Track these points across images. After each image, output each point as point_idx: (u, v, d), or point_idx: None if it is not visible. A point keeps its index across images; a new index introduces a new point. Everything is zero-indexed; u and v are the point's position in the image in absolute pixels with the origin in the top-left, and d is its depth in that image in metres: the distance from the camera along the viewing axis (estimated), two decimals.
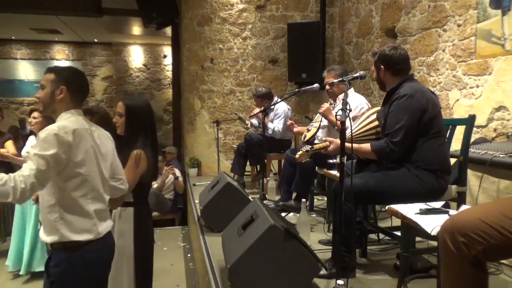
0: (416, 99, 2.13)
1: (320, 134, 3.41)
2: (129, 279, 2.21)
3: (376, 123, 2.43)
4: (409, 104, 2.13)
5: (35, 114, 3.55)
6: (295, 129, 3.81)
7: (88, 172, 1.67)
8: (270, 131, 4.31)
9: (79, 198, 1.65)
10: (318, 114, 3.44)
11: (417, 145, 2.15)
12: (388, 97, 2.31)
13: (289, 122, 3.98)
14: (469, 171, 2.39)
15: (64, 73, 1.76)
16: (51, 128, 1.60)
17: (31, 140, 3.85)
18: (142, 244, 2.25)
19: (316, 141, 3.35)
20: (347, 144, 1.89)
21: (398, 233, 2.10)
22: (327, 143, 2.38)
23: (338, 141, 2.21)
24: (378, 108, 2.51)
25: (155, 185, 5.68)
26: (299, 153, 2.44)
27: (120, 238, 2.16)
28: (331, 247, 2.38)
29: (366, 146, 2.23)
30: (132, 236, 2.22)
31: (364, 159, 2.42)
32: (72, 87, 1.74)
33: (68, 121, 1.69)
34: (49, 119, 3.42)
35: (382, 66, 2.31)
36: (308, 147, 2.43)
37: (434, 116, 2.16)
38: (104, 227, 1.75)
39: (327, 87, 3.41)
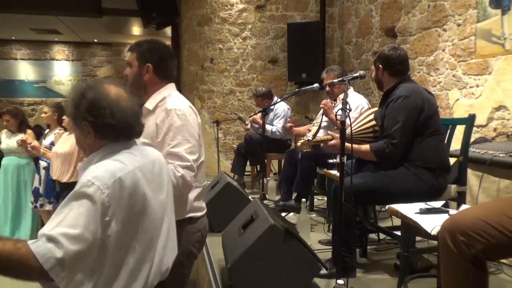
0: (412, 100, 2.14)
1: (321, 133, 3.41)
2: None
3: (374, 122, 2.43)
4: (405, 105, 2.14)
5: (46, 109, 3.85)
6: (294, 131, 3.84)
7: None
8: (269, 133, 4.32)
9: None
10: (320, 114, 3.44)
11: (415, 144, 2.16)
12: (385, 98, 2.32)
13: (288, 125, 3.99)
14: (469, 171, 2.39)
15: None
16: None
17: (52, 136, 3.87)
18: None
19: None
20: (347, 144, 1.89)
21: (398, 233, 2.10)
22: (330, 136, 2.37)
23: None
24: (376, 108, 2.52)
25: None
26: (301, 141, 2.45)
27: None
28: (331, 247, 2.38)
29: (366, 147, 2.23)
30: None
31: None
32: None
33: None
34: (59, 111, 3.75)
35: (380, 66, 2.33)
36: (310, 137, 2.45)
37: (431, 115, 2.17)
38: None
39: (327, 88, 3.41)
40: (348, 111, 1.83)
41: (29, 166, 4.12)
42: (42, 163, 3.81)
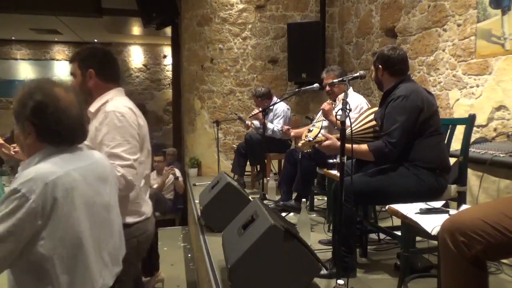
0: (412, 100, 2.14)
1: (321, 134, 3.41)
2: None
3: (375, 122, 2.43)
4: (404, 105, 2.14)
5: None
6: (292, 134, 3.83)
7: None
8: (270, 132, 4.32)
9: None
10: (320, 114, 3.44)
11: (415, 144, 2.16)
12: (385, 98, 2.32)
13: (285, 127, 3.98)
14: (469, 171, 2.39)
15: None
16: None
17: None
18: None
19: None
20: (347, 145, 1.88)
21: (399, 233, 2.10)
22: (324, 137, 2.36)
23: (334, 139, 2.21)
24: (376, 108, 2.52)
25: (155, 185, 5.68)
26: (302, 141, 2.44)
27: None
28: (331, 247, 2.38)
29: (364, 147, 2.23)
30: None
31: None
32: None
33: None
34: None
35: (380, 66, 2.33)
36: (310, 138, 2.44)
37: (431, 115, 2.17)
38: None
39: (327, 87, 3.42)
40: (348, 111, 1.83)
41: None
42: None
